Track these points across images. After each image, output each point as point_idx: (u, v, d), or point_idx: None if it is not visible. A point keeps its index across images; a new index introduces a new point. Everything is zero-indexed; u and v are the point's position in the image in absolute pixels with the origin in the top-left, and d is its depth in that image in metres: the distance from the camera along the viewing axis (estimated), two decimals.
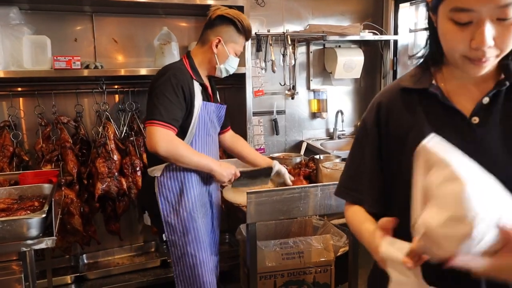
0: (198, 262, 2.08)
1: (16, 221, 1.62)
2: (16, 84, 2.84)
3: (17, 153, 2.72)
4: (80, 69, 2.59)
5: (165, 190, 2.05)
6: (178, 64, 2.09)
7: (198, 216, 2.10)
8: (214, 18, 2.08)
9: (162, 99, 1.90)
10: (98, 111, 2.97)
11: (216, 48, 2.08)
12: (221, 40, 2.07)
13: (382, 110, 1.10)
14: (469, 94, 1.00)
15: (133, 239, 3.24)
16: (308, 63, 3.67)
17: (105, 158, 2.80)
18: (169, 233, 2.07)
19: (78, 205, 2.77)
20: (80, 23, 2.95)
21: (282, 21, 3.52)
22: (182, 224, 2.06)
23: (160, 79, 1.96)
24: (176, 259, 2.09)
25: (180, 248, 2.07)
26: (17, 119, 2.83)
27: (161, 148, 1.86)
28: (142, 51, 3.11)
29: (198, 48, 2.15)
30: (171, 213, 2.06)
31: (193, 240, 2.08)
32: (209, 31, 2.10)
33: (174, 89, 1.93)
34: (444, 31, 0.92)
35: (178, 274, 2.11)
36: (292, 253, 2.49)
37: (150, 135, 1.88)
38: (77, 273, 2.94)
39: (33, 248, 1.67)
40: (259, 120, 3.48)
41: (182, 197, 2.06)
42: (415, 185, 0.84)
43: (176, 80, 1.94)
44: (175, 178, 2.05)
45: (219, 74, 2.17)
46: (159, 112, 1.88)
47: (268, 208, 2.06)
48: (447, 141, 0.95)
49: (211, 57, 2.11)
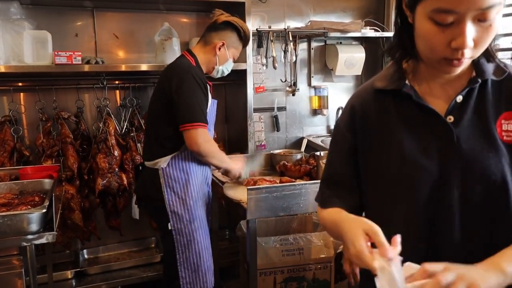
0: (203, 247, 2.22)
1: (16, 216, 1.62)
2: (17, 79, 2.84)
3: (17, 148, 2.72)
4: (81, 65, 2.59)
5: (171, 181, 2.15)
6: (188, 62, 2.18)
7: (201, 204, 2.24)
8: (220, 22, 2.22)
9: (196, 100, 2.05)
10: (98, 107, 2.97)
11: (219, 51, 2.23)
12: (224, 44, 2.23)
13: (356, 114, 1.09)
14: (442, 93, 1.00)
15: (134, 234, 3.25)
16: (309, 59, 3.66)
17: (105, 153, 2.80)
18: (175, 222, 2.16)
19: (78, 200, 2.78)
20: (81, 18, 2.95)
21: (284, 17, 3.51)
22: (188, 212, 2.17)
23: (185, 81, 2.05)
24: (182, 247, 2.18)
25: (186, 235, 2.17)
26: (18, 114, 2.83)
27: (204, 148, 2.05)
28: (143, 47, 3.11)
29: (200, 47, 2.27)
30: (177, 202, 2.15)
31: (199, 227, 2.21)
32: (213, 33, 2.24)
33: (202, 89, 2.08)
34: (424, 31, 0.90)
35: (183, 261, 2.20)
36: (292, 250, 2.49)
37: (194, 136, 2.02)
38: (77, 268, 2.95)
39: (34, 243, 1.67)
40: (260, 116, 3.47)
41: (188, 186, 2.17)
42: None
43: (200, 80, 2.08)
44: (181, 168, 2.16)
45: (215, 74, 2.33)
46: (198, 114, 2.03)
47: (268, 205, 2.07)
48: (423, 141, 0.97)
49: (211, 58, 2.25)
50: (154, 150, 2.20)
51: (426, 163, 0.96)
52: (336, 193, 1.13)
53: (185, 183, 2.17)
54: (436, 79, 1.00)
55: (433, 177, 0.96)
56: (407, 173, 0.98)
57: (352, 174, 1.10)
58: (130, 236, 3.23)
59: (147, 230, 3.26)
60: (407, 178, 0.98)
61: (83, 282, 2.87)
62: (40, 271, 2.68)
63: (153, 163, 2.16)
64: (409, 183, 0.98)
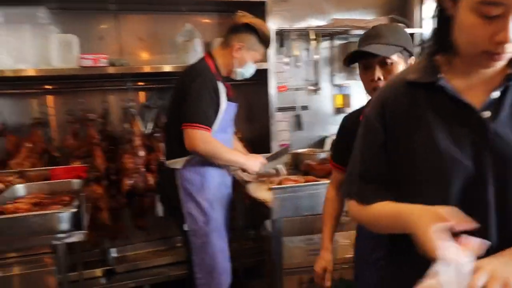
0: (217, 250, 2.22)
1: (48, 215, 1.67)
2: (45, 82, 2.90)
3: (47, 150, 2.79)
4: (106, 67, 2.64)
5: (186, 183, 2.18)
6: (204, 65, 2.20)
7: (217, 207, 2.24)
8: (239, 25, 2.22)
9: (200, 102, 2.06)
10: (124, 108, 3.02)
11: (237, 53, 2.22)
12: (243, 46, 2.22)
13: (387, 107, 1.05)
14: (477, 88, 0.97)
15: (160, 233, 3.28)
16: (332, 58, 3.64)
17: (131, 154, 2.84)
18: (190, 223, 2.18)
19: (106, 200, 2.82)
20: (105, 22, 3.00)
21: (305, 16, 3.50)
22: (203, 214, 2.18)
23: (195, 82, 2.08)
24: (197, 248, 2.20)
25: (201, 237, 2.19)
26: (47, 116, 2.90)
27: (200, 148, 2.05)
28: (165, 48, 3.14)
29: (220, 49, 2.28)
30: (192, 204, 2.18)
31: (214, 229, 2.21)
32: (233, 36, 2.24)
33: (210, 92, 2.09)
34: (467, 23, 0.88)
35: (198, 262, 2.22)
36: (318, 249, 2.46)
37: (191, 136, 2.05)
38: (106, 266, 3.00)
39: (65, 242, 1.72)
40: (282, 115, 3.47)
41: (202, 189, 2.19)
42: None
43: (210, 84, 2.10)
44: (196, 171, 2.17)
45: (235, 77, 2.32)
46: (199, 116, 2.05)
47: (293, 204, 2.07)
48: (457, 136, 0.95)
49: (230, 60, 2.24)
50: (171, 150, 2.24)
51: (461, 158, 0.94)
52: (377, 188, 1.08)
53: (201, 185, 2.18)
54: (471, 74, 0.98)
55: (468, 173, 0.94)
56: (441, 168, 0.96)
57: (387, 168, 1.07)
58: (157, 235, 3.26)
59: (174, 229, 3.26)
60: (440, 173, 0.96)
61: (112, 280, 2.92)
62: (71, 269, 2.73)
63: (170, 162, 2.20)
64: (443, 178, 0.96)
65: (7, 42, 2.50)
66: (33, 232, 1.65)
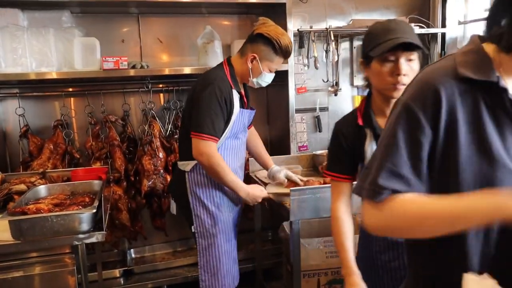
0: (223, 252, 2.22)
1: (69, 216, 1.69)
2: (68, 85, 2.97)
3: (69, 151, 2.84)
4: (127, 69, 2.67)
5: (194, 186, 2.20)
6: (219, 72, 2.20)
7: (225, 210, 2.25)
8: (255, 35, 2.18)
9: (209, 112, 2.06)
10: (144, 110, 3.05)
11: (251, 63, 2.19)
12: (256, 57, 2.17)
13: (441, 101, 0.90)
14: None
15: (178, 235, 3.30)
16: (352, 58, 3.60)
17: (151, 155, 2.87)
18: (197, 225, 2.21)
19: (125, 201, 2.86)
20: (126, 25, 3.04)
21: (325, 16, 3.48)
22: (210, 217, 2.20)
23: (205, 90, 2.08)
24: (202, 250, 2.22)
25: (207, 238, 2.21)
26: (68, 118, 2.95)
27: (204, 159, 2.06)
28: (186, 50, 3.16)
29: (238, 57, 2.26)
30: (200, 206, 2.20)
31: (221, 231, 2.22)
32: (249, 45, 2.21)
33: (219, 102, 2.07)
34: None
35: (203, 264, 2.23)
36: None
37: (197, 146, 2.06)
38: (125, 267, 3.04)
39: (85, 242, 1.74)
40: (302, 117, 3.45)
41: (211, 192, 2.20)
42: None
43: (220, 93, 2.08)
44: (205, 174, 2.18)
45: (252, 85, 2.30)
46: (207, 126, 2.04)
47: (311, 206, 2.05)
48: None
49: (246, 69, 2.22)
50: (183, 152, 2.26)
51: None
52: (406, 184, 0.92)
53: (208, 189, 2.20)
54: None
55: None
56: (492, 174, 0.88)
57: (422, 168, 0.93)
58: (175, 236, 3.29)
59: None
60: (491, 180, 0.88)
61: (131, 280, 2.95)
62: (91, 269, 2.77)
63: (181, 164, 2.23)
64: (492, 185, 0.87)
65: (31, 45, 2.54)
66: (54, 233, 1.67)
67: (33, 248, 1.74)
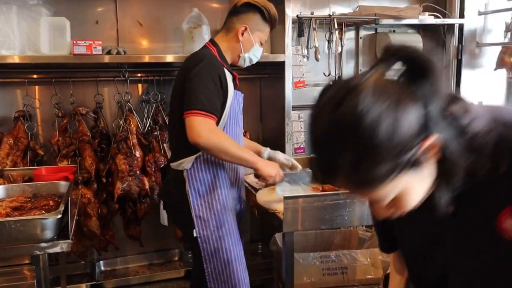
0: (232, 257, 2.19)
1: (29, 222, 1.67)
2: (32, 71, 2.93)
3: (31, 147, 2.81)
4: (101, 55, 2.65)
5: (196, 183, 2.17)
6: (208, 51, 2.21)
7: (230, 210, 2.23)
8: (240, 5, 2.22)
9: (202, 88, 2.03)
10: (119, 102, 3.03)
11: (242, 36, 2.23)
12: (247, 28, 2.22)
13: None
14: None
15: (155, 245, 3.29)
16: (357, 50, 3.62)
17: (126, 154, 2.85)
18: (200, 228, 2.16)
19: (95, 205, 2.84)
20: (102, 4, 3.02)
21: (328, 2, 3.49)
22: (215, 217, 2.17)
23: (195, 67, 2.06)
24: (208, 255, 2.18)
25: (213, 243, 2.17)
26: (32, 109, 2.93)
27: (203, 138, 1.98)
28: (169, 36, 3.15)
29: (222, 35, 2.29)
30: (202, 206, 2.17)
31: (227, 233, 2.19)
32: (234, 18, 2.25)
33: (213, 78, 2.06)
34: None
35: (211, 271, 2.20)
36: (334, 268, 2.46)
37: (191, 125, 1.99)
38: (93, 281, 3.03)
39: (47, 252, 1.72)
40: (299, 115, 3.45)
41: (215, 189, 2.18)
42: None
43: (213, 68, 2.07)
44: (207, 169, 2.17)
45: (242, 63, 2.33)
46: (200, 102, 2.00)
47: (307, 216, 2.05)
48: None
49: (235, 45, 2.25)
50: (177, 150, 2.23)
51: None
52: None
53: (212, 185, 2.18)
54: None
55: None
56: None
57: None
58: (151, 247, 3.28)
59: (170, 241, 3.30)
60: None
61: None
62: (53, 283, 2.75)
63: (177, 164, 2.19)
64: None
65: None
66: (12, 240, 1.66)
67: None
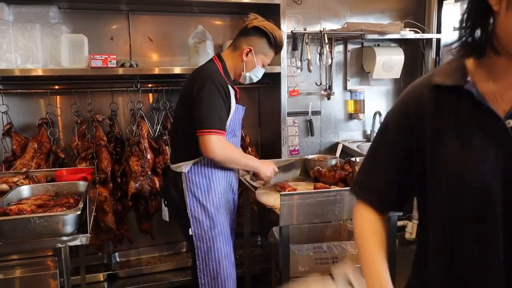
0: (223, 255, 2.22)
1: (52, 217, 1.67)
2: (54, 82, 2.94)
3: (53, 150, 2.82)
4: (115, 68, 2.65)
5: (192, 186, 2.18)
6: (213, 67, 2.21)
7: (223, 211, 2.25)
8: (249, 28, 2.22)
9: (214, 106, 2.06)
10: (132, 110, 3.04)
11: (245, 57, 2.23)
12: (252, 50, 2.22)
13: (411, 112, 1.02)
14: (506, 95, 0.93)
15: (165, 238, 3.29)
16: (345, 62, 3.63)
17: (138, 156, 2.86)
18: (195, 227, 2.19)
19: (111, 203, 2.84)
20: (116, 22, 3.03)
21: (319, 19, 3.50)
22: (209, 219, 2.19)
23: (204, 87, 2.07)
24: (202, 253, 2.20)
25: (206, 242, 2.20)
26: (54, 116, 2.93)
27: (218, 154, 2.05)
28: (176, 50, 3.16)
29: (229, 52, 2.29)
30: (198, 208, 2.18)
31: (220, 234, 2.22)
32: (242, 38, 2.25)
33: (222, 95, 2.08)
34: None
35: (203, 268, 2.22)
36: (326, 258, 2.46)
37: (207, 144, 2.04)
38: (109, 270, 3.02)
39: (68, 245, 1.72)
40: (293, 120, 3.46)
41: (209, 193, 2.19)
42: None
43: (221, 87, 2.09)
44: (203, 174, 2.18)
45: (243, 81, 2.32)
46: (213, 121, 2.04)
47: (302, 211, 2.05)
48: (480, 145, 0.92)
49: (239, 64, 2.26)
50: (177, 154, 2.24)
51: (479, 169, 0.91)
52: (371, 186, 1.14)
53: (207, 189, 2.19)
54: (505, 79, 0.93)
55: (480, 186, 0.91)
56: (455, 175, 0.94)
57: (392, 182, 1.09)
58: (162, 240, 3.28)
59: (179, 235, 3.27)
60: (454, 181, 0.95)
61: (115, 285, 2.94)
62: (74, 272, 2.75)
63: (176, 166, 2.20)
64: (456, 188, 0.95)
65: (16, 40, 2.52)
66: (36, 234, 1.65)
67: (14, 250, 1.71)
